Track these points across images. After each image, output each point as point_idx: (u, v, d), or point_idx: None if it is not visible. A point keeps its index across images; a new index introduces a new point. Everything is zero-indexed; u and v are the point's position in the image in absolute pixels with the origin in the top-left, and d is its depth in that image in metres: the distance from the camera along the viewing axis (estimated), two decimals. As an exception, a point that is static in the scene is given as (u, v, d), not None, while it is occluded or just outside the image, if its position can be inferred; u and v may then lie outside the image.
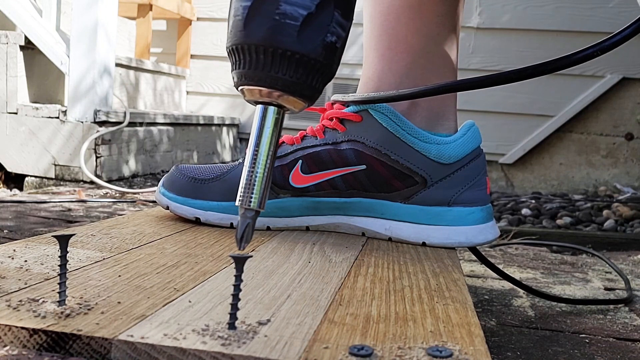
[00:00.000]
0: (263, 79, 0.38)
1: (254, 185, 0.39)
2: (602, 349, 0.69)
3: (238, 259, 0.37)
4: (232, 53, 0.39)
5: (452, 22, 0.75)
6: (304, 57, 0.38)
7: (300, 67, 0.38)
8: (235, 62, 0.39)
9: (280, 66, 0.38)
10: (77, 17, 1.91)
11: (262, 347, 0.35)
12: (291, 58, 0.38)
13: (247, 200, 0.39)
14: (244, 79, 0.39)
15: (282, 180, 0.73)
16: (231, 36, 0.39)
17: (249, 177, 0.39)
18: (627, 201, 2.17)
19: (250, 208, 0.39)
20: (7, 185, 2.03)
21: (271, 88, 0.38)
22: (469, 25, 2.71)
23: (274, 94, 0.39)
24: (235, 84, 0.40)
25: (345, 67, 2.88)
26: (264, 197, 0.39)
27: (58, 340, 0.36)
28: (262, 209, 0.39)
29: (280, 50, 0.38)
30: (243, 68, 0.39)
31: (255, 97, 0.39)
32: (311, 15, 0.38)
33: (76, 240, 0.59)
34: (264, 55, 0.38)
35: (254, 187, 0.39)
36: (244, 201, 0.39)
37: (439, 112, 0.76)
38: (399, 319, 0.42)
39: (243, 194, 0.39)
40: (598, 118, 2.67)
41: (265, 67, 0.38)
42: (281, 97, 0.39)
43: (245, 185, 0.39)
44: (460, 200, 0.72)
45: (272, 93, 0.39)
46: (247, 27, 0.38)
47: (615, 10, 2.60)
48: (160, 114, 2.29)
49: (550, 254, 1.30)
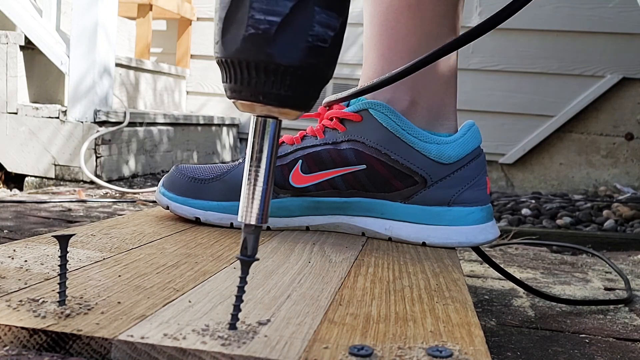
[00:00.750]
0: (252, 94, 0.36)
1: (256, 201, 0.37)
2: (602, 349, 0.69)
3: (244, 262, 0.37)
4: (219, 65, 0.37)
5: (452, 22, 0.76)
6: (289, 68, 0.35)
7: (286, 79, 0.35)
8: (223, 74, 0.37)
9: (266, 80, 0.35)
10: (77, 17, 1.91)
11: (262, 347, 0.35)
12: (275, 70, 0.35)
13: (250, 216, 0.38)
14: (234, 93, 0.37)
15: (282, 180, 0.73)
16: (215, 47, 0.37)
17: (250, 193, 0.37)
18: (627, 201, 2.17)
19: (254, 224, 0.38)
20: (7, 185, 2.03)
21: (262, 103, 0.36)
22: (469, 25, 2.71)
23: (267, 108, 0.36)
24: (227, 96, 0.38)
25: (345, 67, 2.88)
26: (266, 212, 0.38)
27: (58, 340, 0.36)
28: (265, 223, 0.38)
29: (261, 64, 0.35)
30: (230, 82, 0.36)
31: (250, 110, 0.37)
32: (286, 20, 0.34)
33: (76, 240, 0.59)
34: (247, 70, 0.35)
35: (256, 203, 0.37)
36: (248, 217, 0.38)
37: (439, 112, 0.76)
38: (399, 319, 0.42)
39: (246, 210, 0.38)
40: (598, 118, 2.67)
41: (250, 81, 0.35)
42: (275, 111, 0.37)
43: (248, 202, 0.38)
44: (460, 200, 0.72)
45: (264, 107, 0.36)
46: (223, 39, 0.35)
47: (615, 10, 2.60)
48: (160, 114, 2.29)
49: (550, 254, 1.30)
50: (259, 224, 0.38)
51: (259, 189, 0.37)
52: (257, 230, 0.38)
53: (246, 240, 0.38)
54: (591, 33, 2.62)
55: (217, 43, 0.36)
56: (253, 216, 0.37)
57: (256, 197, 0.37)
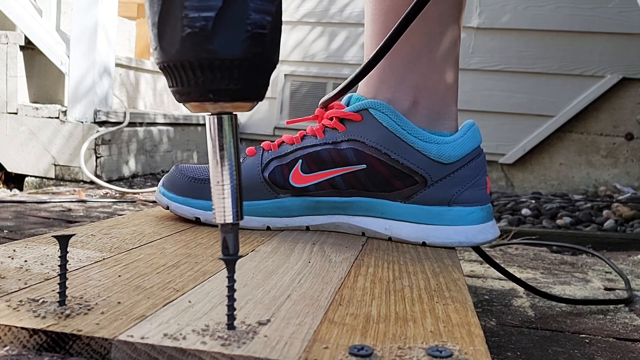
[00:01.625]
0: (201, 94, 0.35)
1: (227, 199, 0.37)
2: (602, 349, 0.69)
3: (228, 261, 0.37)
4: (162, 70, 0.36)
5: (454, 22, 0.75)
6: (234, 61, 0.34)
7: (233, 72, 0.35)
8: (168, 79, 0.36)
9: (212, 77, 0.34)
10: (77, 17, 1.91)
11: (262, 347, 0.35)
12: (220, 66, 0.34)
13: (224, 215, 0.37)
14: (182, 96, 0.36)
15: (282, 179, 0.73)
16: (154, 53, 0.36)
17: (220, 192, 0.37)
18: (627, 201, 2.17)
19: (230, 223, 0.37)
20: (7, 185, 2.03)
21: (213, 101, 0.35)
22: (469, 25, 2.71)
23: (220, 105, 0.36)
24: (176, 100, 0.37)
25: (345, 67, 2.88)
26: (240, 208, 0.38)
27: (58, 340, 0.36)
28: (241, 219, 0.38)
29: (205, 62, 0.34)
30: (176, 85, 0.36)
31: (203, 110, 0.36)
32: (221, 14, 0.34)
33: (76, 240, 0.59)
34: (191, 70, 0.34)
35: (228, 201, 0.37)
36: (222, 217, 0.37)
37: (440, 112, 0.76)
38: (399, 319, 0.42)
39: (218, 210, 0.37)
40: (598, 118, 2.67)
41: (197, 81, 0.35)
42: (227, 106, 0.36)
43: (218, 201, 0.37)
44: (460, 199, 0.72)
45: (216, 105, 0.36)
46: (161, 43, 0.35)
47: (615, 10, 2.60)
48: (160, 114, 2.29)
49: (550, 254, 1.30)
50: (235, 221, 0.37)
51: (228, 187, 0.37)
52: (234, 227, 0.37)
53: (226, 239, 0.37)
54: (591, 33, 2.62)
55: (155, 49, 0.35)
56: (228, 215, 0.37)
57: (227, 196, 0.37)
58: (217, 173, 0.37)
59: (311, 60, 2.93)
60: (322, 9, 2.90)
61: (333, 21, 2.89)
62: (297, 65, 2.94)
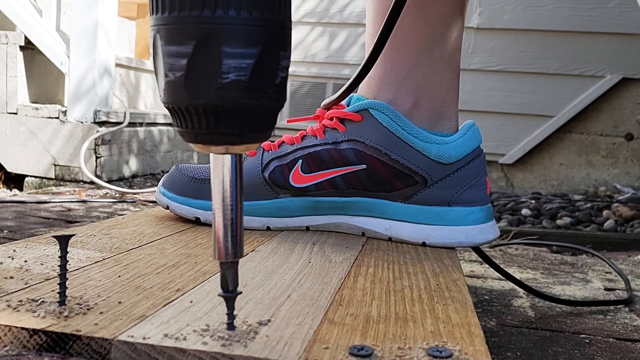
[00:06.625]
0: (218, 139, 0.35)
1: (230, 238, 0.36)
2: (602, 349, 0.69)
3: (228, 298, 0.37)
4: (174, 111, 0.35)
5: (456, 23, 0.75)
6: (261, 108, 0.35)
7: (255, 116, 0.35)
8: (180, 120, 0.36)
9: (234, 122, 0.34)
10: (77, 17, 1.91)
11: (262, 347, 0.35)
12: (247, 111, 0.34)
13: (226, 254, 0.37)
14: (196, 139, 0.36)
15: (283, 180, 0.73)
16: (170, 94, 0.35)
17: (221, 231, 0.37)
18: (627, 201, 2.17)
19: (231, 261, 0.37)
20: (7, 186, 2.03)
21: (227, 145, 0.35)
22: (469, 25, 2.71)
23: (224, 148, 0.36)
24: (185, 140, 0.37)
25: (346, 67, 2.88)
26: (240, 245, 0.37)
27: (58, 340, 0.36)
28: (240, 257, 0.38)
29: (232, 108, 0.34)
30: (192, 128, 0.35)
31: (208, 151, 0.36)
32: (258, 63, 0.34)
33: (76, 241, 0.59)
34: (214, 115, 0.34)
35: (230, 240, 0.37)
36: (224, 256, 0.36)
37: (441, 113, 0.76)
38: (399, 319, 0.42)
39: (221, 249, 0.37)
40: (598, 118, 2.67)
41: (218, 126, 0.34)
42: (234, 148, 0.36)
43: (224, 240, 0.37)
44: (460, 200, 0.72)
45: (221, 147, 0.36)
46: (189, 87, 0.34)
47: (615, 10, 2.60)
48: (160, 114, 2.29)
49: (550, 254, 1.30)
50: (235, 259, 0.37)
51: (229, 225, 0.36)
52: (234, 265, 0.37)
53: (225, 276, 0.37)
54: (591, 33, 2.62)
55: (181, 90, 0.35)
56: (229, 254, 0.37)
57: (229, 234, 0.37)
58: (219, 212, 0.37)
59: (311, 60, 2.93)
60: (322, 9, 2.90)
61: (333, 21, 2.89)
62: (298, 65, 2.94)
